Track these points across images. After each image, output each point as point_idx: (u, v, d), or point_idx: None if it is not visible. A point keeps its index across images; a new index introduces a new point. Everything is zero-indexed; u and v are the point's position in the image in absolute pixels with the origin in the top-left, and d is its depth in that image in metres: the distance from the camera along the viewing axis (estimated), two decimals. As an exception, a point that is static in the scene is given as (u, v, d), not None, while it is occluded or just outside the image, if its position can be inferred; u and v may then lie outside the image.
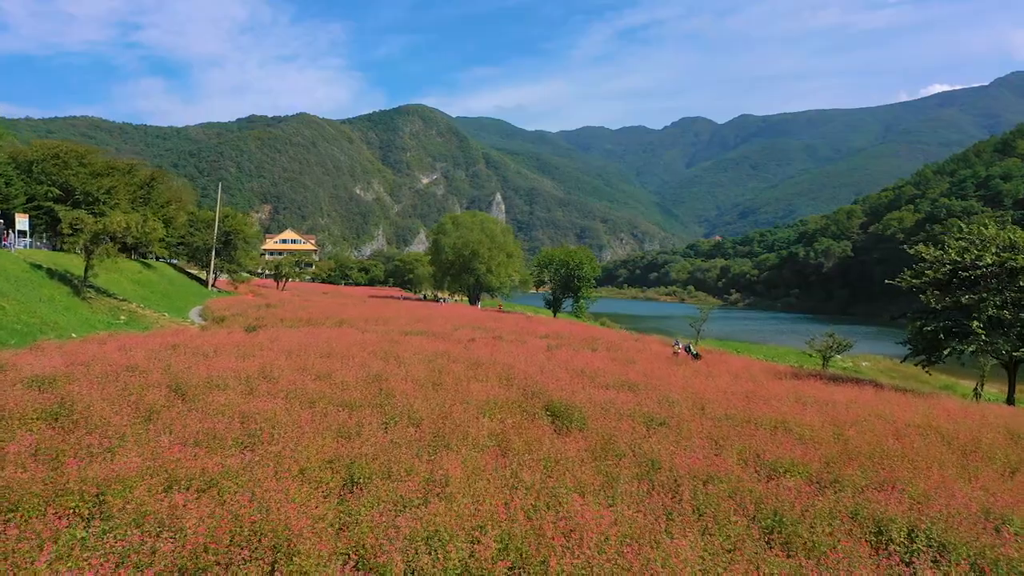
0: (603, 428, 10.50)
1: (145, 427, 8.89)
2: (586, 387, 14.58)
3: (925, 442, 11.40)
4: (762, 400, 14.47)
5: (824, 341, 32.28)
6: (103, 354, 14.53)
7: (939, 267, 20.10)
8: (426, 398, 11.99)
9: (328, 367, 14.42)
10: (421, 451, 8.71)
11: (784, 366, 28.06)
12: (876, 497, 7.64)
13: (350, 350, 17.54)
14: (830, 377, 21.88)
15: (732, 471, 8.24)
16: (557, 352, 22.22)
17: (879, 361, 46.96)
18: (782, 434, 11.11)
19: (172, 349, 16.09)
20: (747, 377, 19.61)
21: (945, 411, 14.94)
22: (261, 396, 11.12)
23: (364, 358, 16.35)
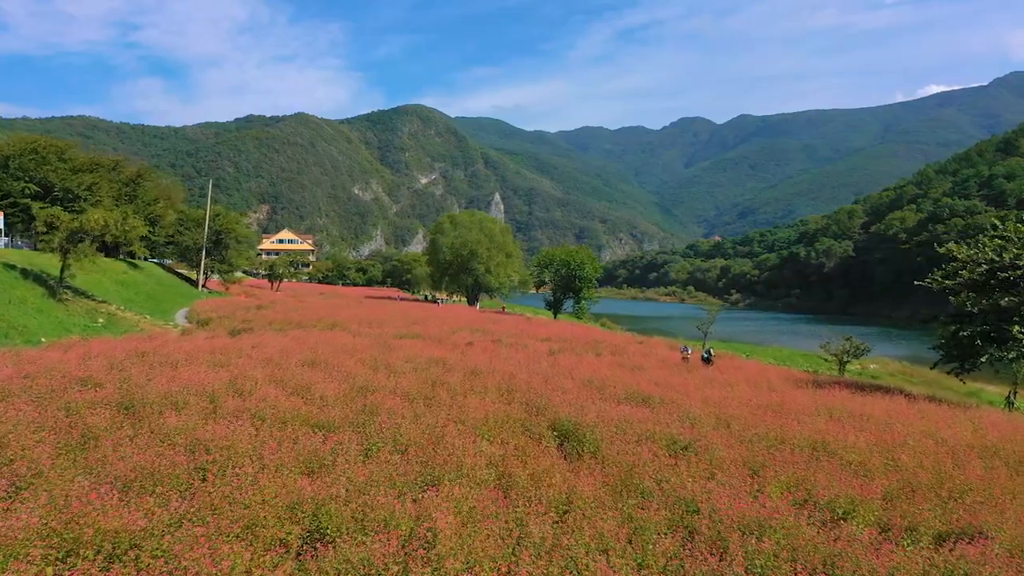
0: (621, 455, 9.01)
1: (73, 460, 7.39)
2: (595, 400, 13.11)
3: (988, 468, 9.96)
4: (791, 415, 13.00)
5: (841, 345, 30.72)
6: (60, 363, 13.01)
7: (974, 267, 18.63)
8: (416, 416, 10.51)
9: (309, 378, 12.93)
10: (406, 488, 7.22)
11: (800, 372, 26.62)
12: (967, 552, 6.18)
13: (337, 357, 16.06)
14: (853, 385, 20.41)
15: (784, 516, 6.76)
16: (560, 357, 20.76)
17: (887, 364, 45.45)
18: (825, 459, 9.64)
19: (139, 357, 14.59)
20: (765, 385, 18.16)
21: (993, 426, 13.51)
22: (224, 416, 9.62)
23: (351, 367, 14.86)
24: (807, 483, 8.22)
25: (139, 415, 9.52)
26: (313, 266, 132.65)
